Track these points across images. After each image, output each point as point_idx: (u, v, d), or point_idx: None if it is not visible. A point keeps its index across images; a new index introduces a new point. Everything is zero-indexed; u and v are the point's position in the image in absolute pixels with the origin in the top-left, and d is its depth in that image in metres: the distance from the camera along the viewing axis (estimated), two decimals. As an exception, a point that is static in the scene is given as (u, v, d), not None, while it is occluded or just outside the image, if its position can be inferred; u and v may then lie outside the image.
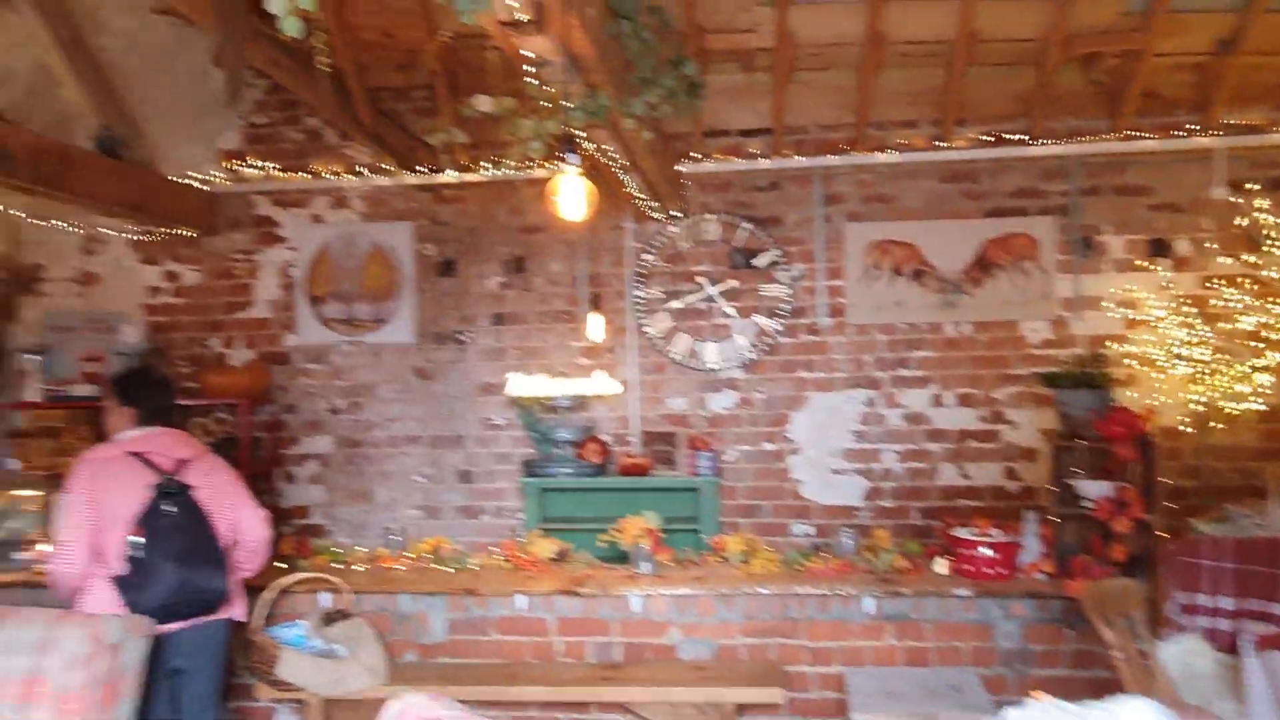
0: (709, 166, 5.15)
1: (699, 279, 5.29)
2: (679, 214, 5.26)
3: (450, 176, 5.21)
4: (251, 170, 5.44)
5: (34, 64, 5.60)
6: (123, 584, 2.92)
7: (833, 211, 5.22)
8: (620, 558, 4.12)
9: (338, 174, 5.40)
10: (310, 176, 5.41)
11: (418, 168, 5.29)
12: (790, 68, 4.86)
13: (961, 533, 3.77)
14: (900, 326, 5.15)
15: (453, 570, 4.08)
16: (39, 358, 5.24)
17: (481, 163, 5.09)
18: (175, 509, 3.06)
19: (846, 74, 4.95)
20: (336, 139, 5.51)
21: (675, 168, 5.04)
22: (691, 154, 5.11)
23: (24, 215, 5.25)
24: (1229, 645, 3.06)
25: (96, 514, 2.96)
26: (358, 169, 5.37)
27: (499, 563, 4.11)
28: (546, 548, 4.13)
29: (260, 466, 5.35)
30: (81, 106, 5.05)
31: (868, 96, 4.91)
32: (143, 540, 2.96)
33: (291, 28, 1.79)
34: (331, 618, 3.76)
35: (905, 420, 5.14)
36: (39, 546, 3.81)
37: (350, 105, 5.01)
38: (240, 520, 3.35)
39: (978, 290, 5.08)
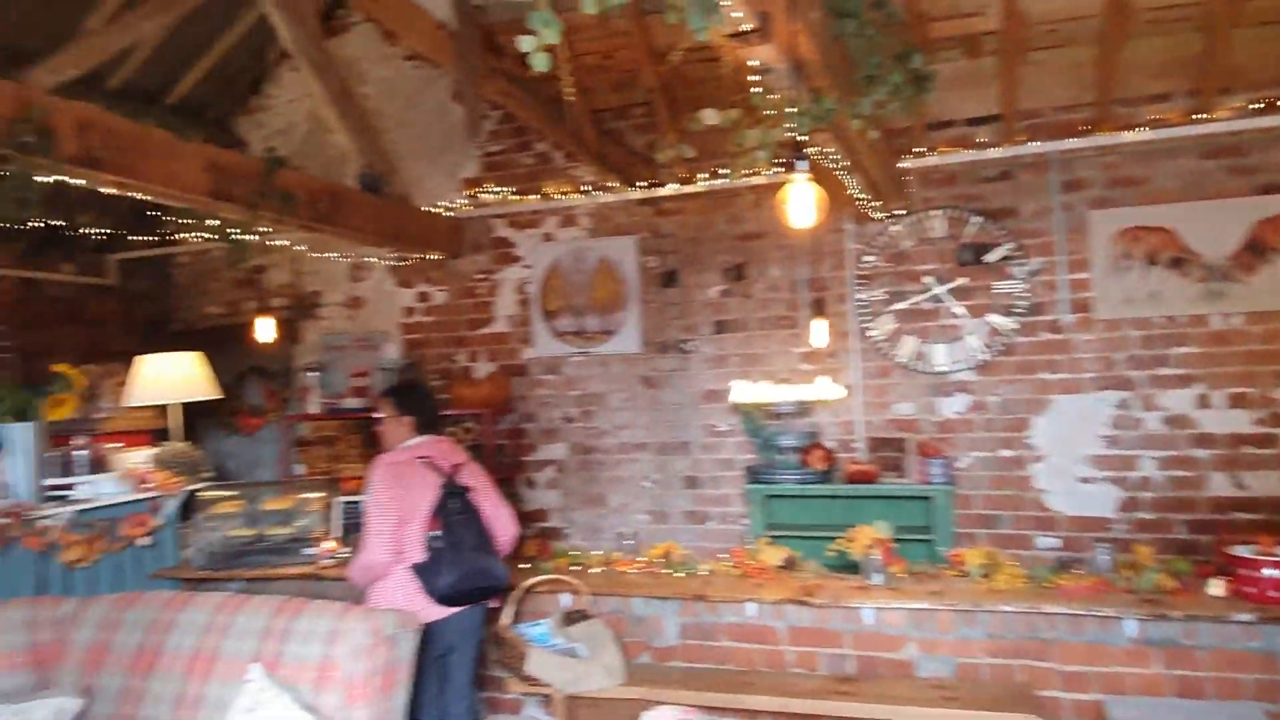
0: (933, 160, 4.95)
1: (925, 278, 5.08)
2: (902, 211, 5.09)
3: (670, 189, 5.35)
4: (489, 195, 5.86)
5: (309, 115, 6.36)
6: (421, 571, 3.30)
7: (1073, 199, 4.85)
8: (849, 567, 4.05)
9: (566, 194, 5.69)
10: (541, 198, 5.75)
11: (639, 183, 5.48)
12: (1021, 48, 4.57)
13: (1241, 551, 3.37)
14: (1157, 320, 4.68)
15: (683, 575, 4.17)
16: (317, 374, 5.92)
17: (699, 174, 5.18)
18: (460, 506, 3.43)
19: (1085, 49, 4.58)
20: (564, 161, 5.82)
21: (898, 164, 4.88)
22: (915, 148, 4.93)
23: (304, 248, 5.97)
24: None
25: (399, 510, 3.32)
26: (584, 188, 5.64)
27: (728, 569, 4.16)
28: (774, 555, 4.12)
29: (503, 472, 5.74)
30: (347, 149, 5.66)
31: (1111, 71, 4.51)
32: (440, 533, 3.34)
33: (540, 63, 1.91)
34: (572, 618, 3.97)
35: (1166, 424, 4.66)
36: (324, 544, 4.29)
37: (575, 128, 5.28)
38: (498, 519, 3.65)
39: (1250, 277, 4.52)
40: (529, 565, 4.40)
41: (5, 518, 3.72)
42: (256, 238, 4.65)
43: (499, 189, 5.86)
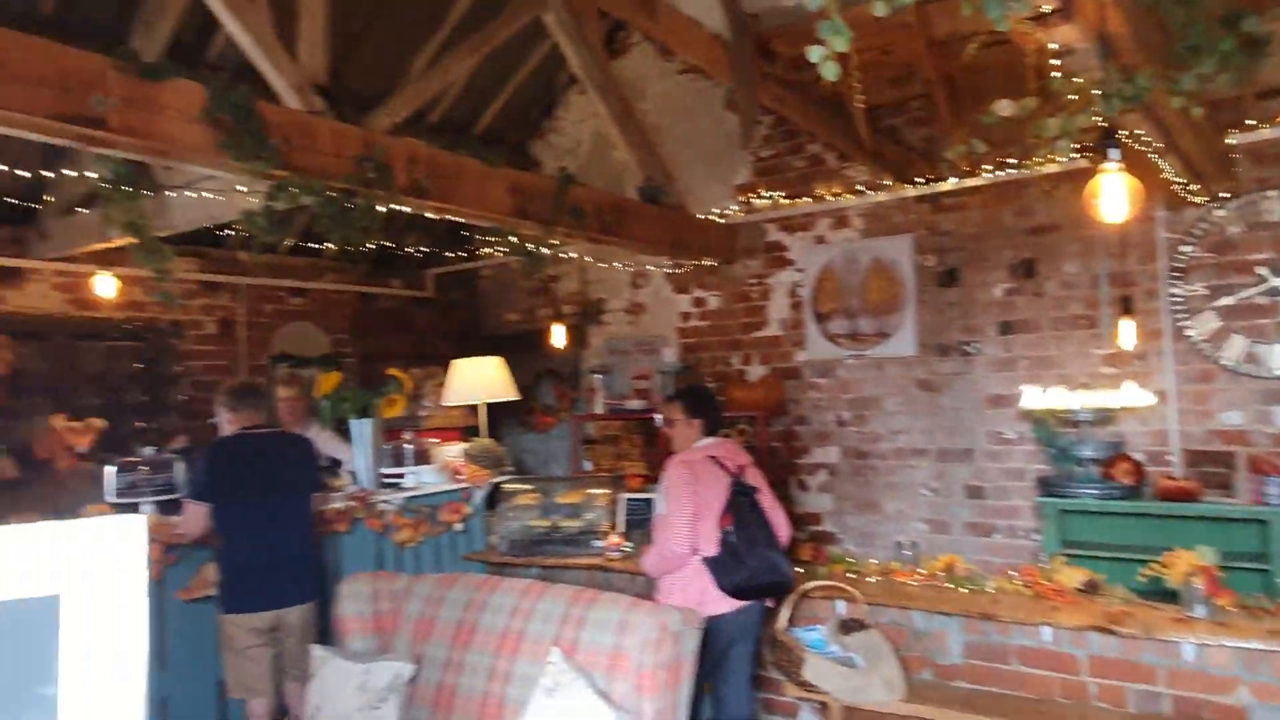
0: (1267, 133, 4.31)
1: (1258, 269, 4.44)
2: (1226, 195, 4.48)
3: (950, 184, 5.11)
4: (762, 200, 5.93)
5: (593, 133, 6.79)
6: (713, 564, 3.46)
7: None
8: (1163, 595, 3.64)
9: (838, 195, 5.62)
10: (813, 200, 5.72)
11: (916, 180, 5.28)
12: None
13: None
14: None
15: (968, 591, 3.98)
16: (602, 377, 6.31)
17: (982, 166, 4.90)
18: (749, 504, 3.58)
19: None
20: (836, 161, 5.74)
21: (1223, 141, 4.31)
22: (1245, 121, 4.32)
23: (590, 259, 6.39)
24: None
25: (695, 506, 3.50)
26: (857, 188, 5.54)
27: (1018, 588, 3.90)
28: (1073, 576, 3.81)
29: (776, 474, 5.78)
30: (628, 163, 5.98)
31: None
32: (733, 528, 3.49)
33: (830, 72, 1.92)
34: (848, 626, 3.92)
35: None
36: (610, 538, 4.57)
37: (849, 127, 5.19)
38: (777, 520, 3.74)
39: None
40: (802, 569, 4.41)
41: (353, 501, 4.34)
42: (549, 250, 5.06)
43: (771, 193, 5.91)
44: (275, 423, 4.57)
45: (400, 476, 4.81)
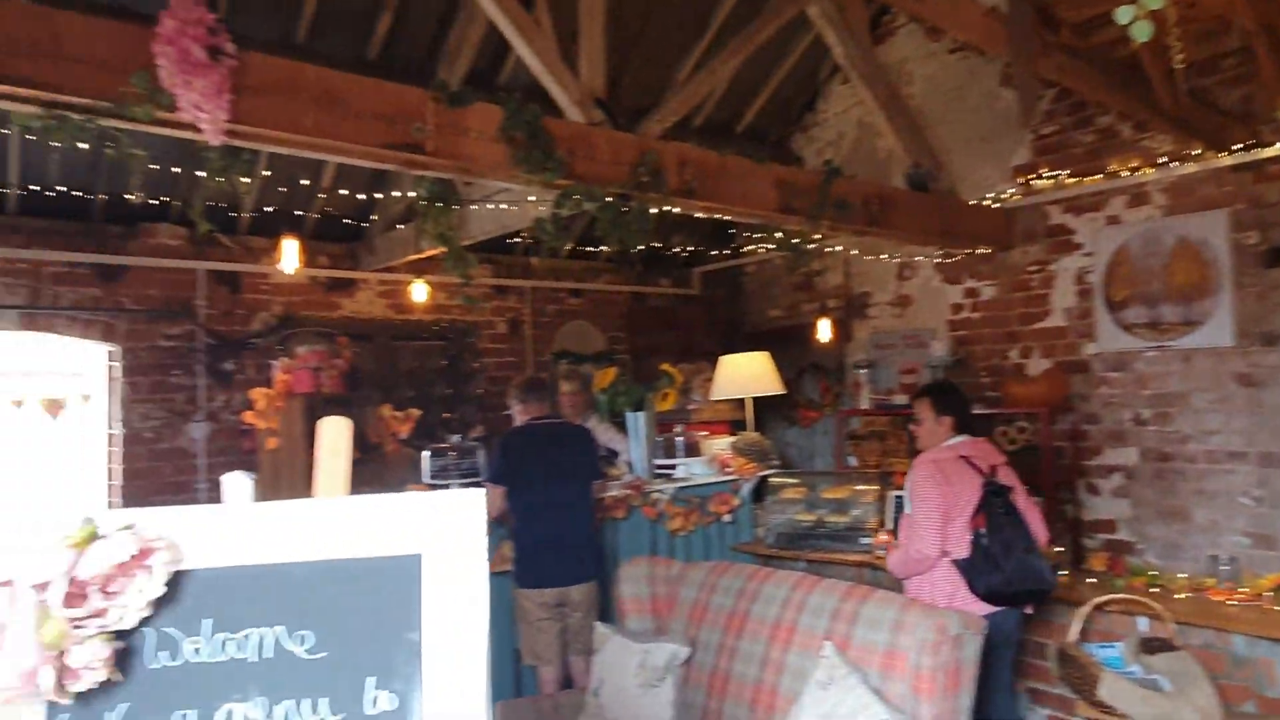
0: None
1: None
2: None
3: (1276, 149, 4.47)
4: (1043, 181, 5.51)
5: (857, 123, 6.67)
6: (965, 567, 3.35)
7: None
8: None
9: (1135, 169, 5.10)
10: (1104, 177, 5.23)
11: (1232, 147, 4.67)
12: None
13: None
14: None
15: (1303, 615, 3.48)
16: (866, 371, 6.18)
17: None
18: (1003, 506, 3.40)
19: None
20: (1132, 132, 5.21)
21: None
22: None
23: (855, 251, 6.28)
24: None
25: (944, 506, 3.40)
26: (1159, 160, 5.00)
27: (1371, 616, 3.35)
28: None
29: (1062, 476, 5.36)
30: (893, 150, 5.81)
31: None
32: (984, 530, 3.36)
33: (1142, 33, 1.79)
34: (1151, 646, 3.57)
35: None
36: (880, 535, 4.48)
37: (1149, 93, 4.69)
38: (1033, 522, 3.51)
39: None
40: (1095, 580, 4.07)
41: (629, 490, 4.60)
42: (814, 245, 5.04)
43: (1054, 173, 5.48)
44: (558, 415, 4.95)
45: (672, 468, 5.03)
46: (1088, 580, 4.07)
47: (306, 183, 5.10)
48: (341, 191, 5.25)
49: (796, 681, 2.81)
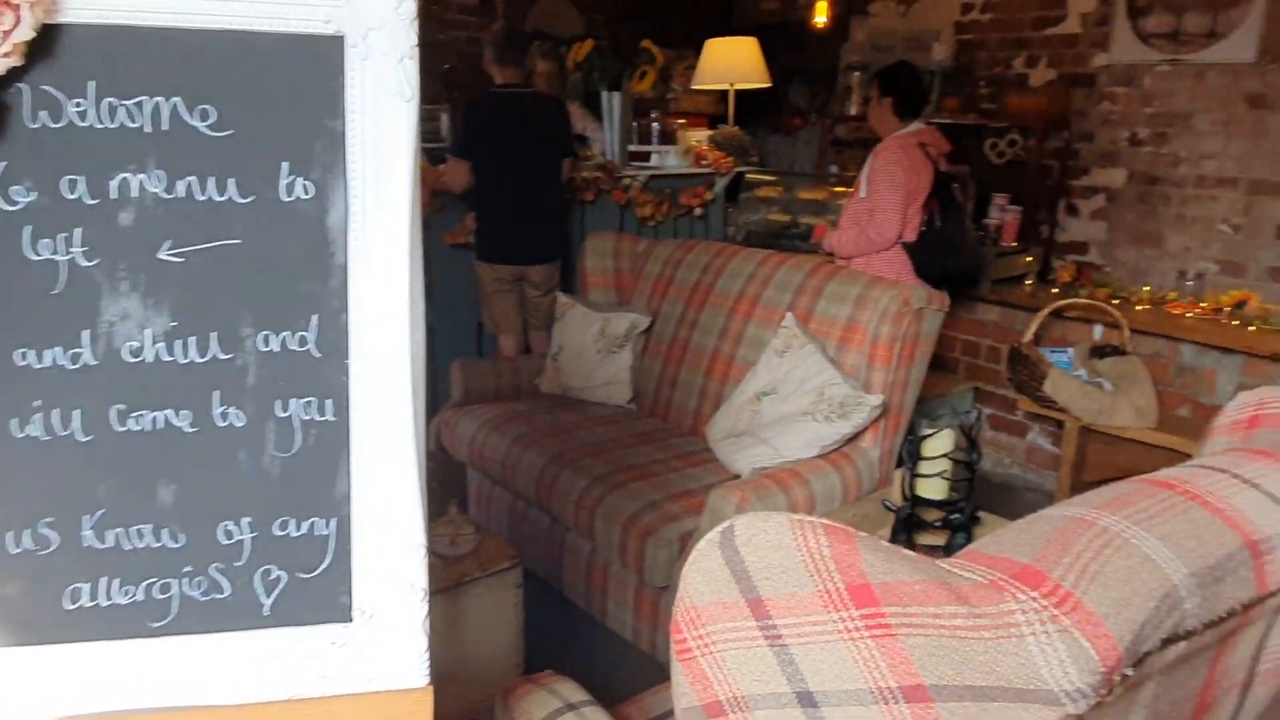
0: None
1: None
2: None
3: None
4: None
5: None
6: (914, 251, 3.47)
7: None
8: None
9: None
10: None
11: None
12: None
13: None
14: None
15: (1255, 329, 3.53)
16: (860, 74, 5.80)
17: None
18: (949, 194, 3.52)
19: None
20: None
21: None
22: None
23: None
24: None
25: (908, 189, 3.44)
26: None
27: (1323, 333, 3.41)
28: (1400, 327, 3.26)
29: (1044, 195, 5.24)
30: None
31: None
32: (938, 215, 3.47)
33: None
34: (1102, 352, 3.64)
35: None
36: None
37: None
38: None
39: None
40: (1058, 291, 4.09)
41: (599, 172, 4.41)
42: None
43: None
44: (531, 85, 4.62)
45: (646, 155, 4.81)
46: (1052, 291, 4.09)
47: None
48: None
49: (753, 351, 2.82)
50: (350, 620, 1.05)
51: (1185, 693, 1.01)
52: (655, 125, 4.81)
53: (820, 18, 5.11)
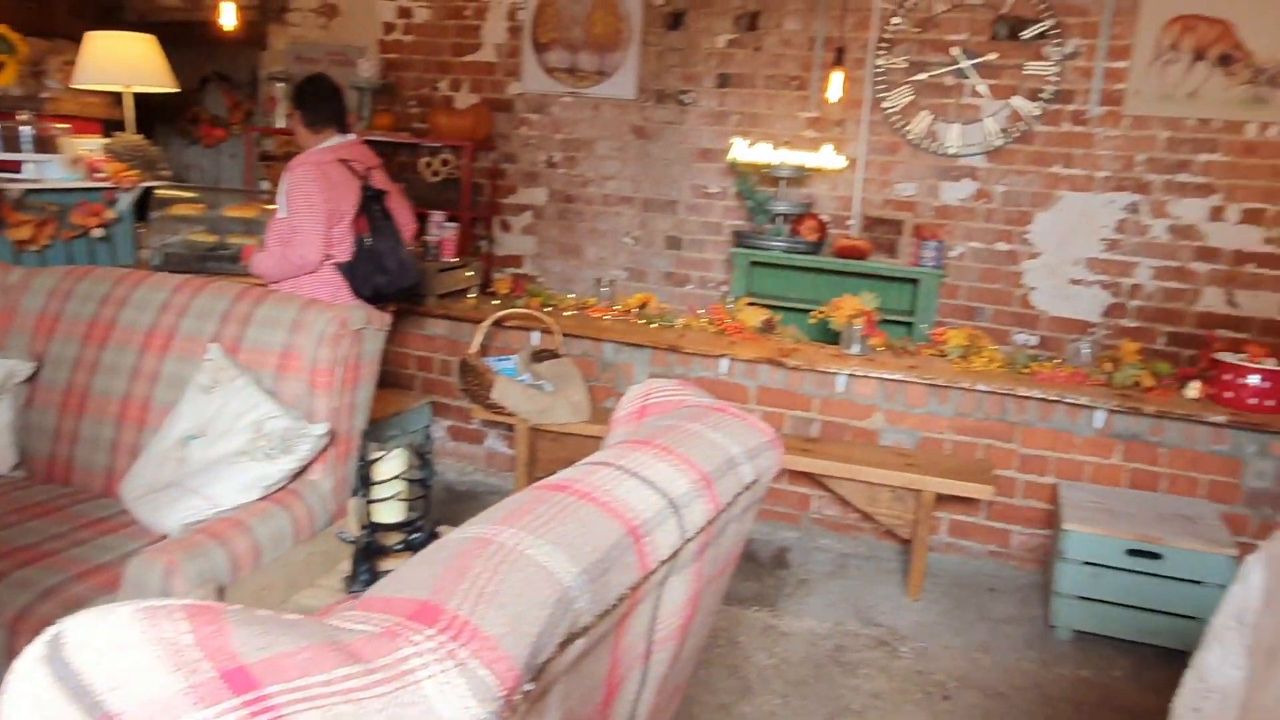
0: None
1: (953, 49, 4.71)
2: (941, -28, 4.62)
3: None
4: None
5: None
6: (348, 270, 3.37)
7: (1131, -24, 4.42)
8: (829, 339, 3.99)
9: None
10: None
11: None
12: None
13: (1228, 357, 3.35)
14: (1189, 123, 4.42)
15: (657, 326, 4.10)
16: (285, 85, 5.46)
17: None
18: (380, 210, 3.46)
19: None
20: None
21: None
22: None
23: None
24: None
25: (328, 208, 3.30)
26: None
27: (704, 325, 4.08)
28: (754, 315, 4.04)
29: (479, 212, 5.50)
30: None
31: None
32: (368, 233, 3.42)
33: None
34: (540, 356, 3.90)
35: (1171, 233, 4.52)
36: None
37: None
38: (404, 219, 3.65)
39: (1300, 87, 4.24)
40: (499, 302, 4.29)
41: (-57, 183, 3.44)
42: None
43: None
44: None
45: (17, 166, 3.90)
46: (493, 303, 4.28)
47: None
48: None
49: (174, 390, 2.41)
50: None
51: (593, 682, 1.03)
52: (26, 129, 3.92)
53: (226, 20, 4.64)
